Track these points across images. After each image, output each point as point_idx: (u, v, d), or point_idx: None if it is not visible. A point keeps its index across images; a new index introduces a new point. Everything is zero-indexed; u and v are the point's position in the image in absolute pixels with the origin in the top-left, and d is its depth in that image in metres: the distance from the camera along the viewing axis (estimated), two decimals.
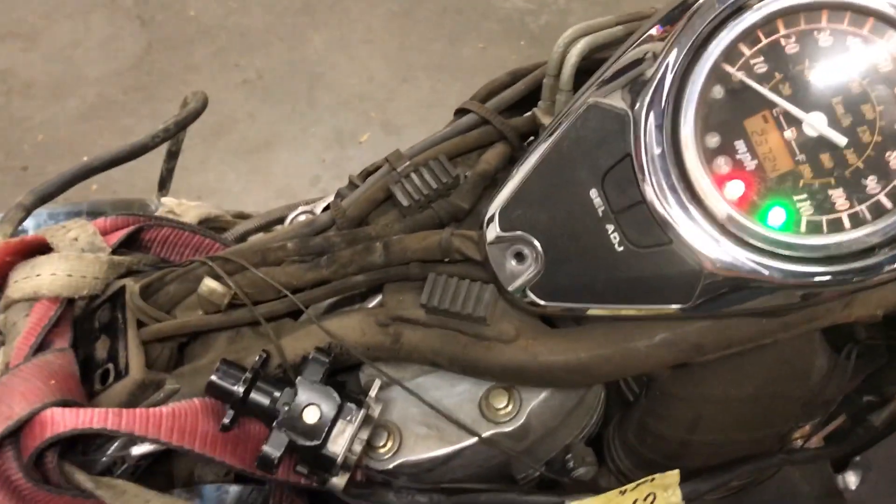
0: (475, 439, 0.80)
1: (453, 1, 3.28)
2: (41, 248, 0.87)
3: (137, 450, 0.77)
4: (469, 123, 0.90)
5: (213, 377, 0.75)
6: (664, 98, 0.68)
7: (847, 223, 0.66)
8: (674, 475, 0.78)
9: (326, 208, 1.02)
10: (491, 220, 0.77)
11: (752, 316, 0.73)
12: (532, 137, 0.91)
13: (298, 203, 1.11)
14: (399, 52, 3.14)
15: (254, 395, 0.75)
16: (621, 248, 0.71)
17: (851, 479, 1.22)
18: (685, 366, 0.79)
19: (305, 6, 3.25)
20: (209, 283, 0.82)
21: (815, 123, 0.65)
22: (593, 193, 0.72)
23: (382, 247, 0.82)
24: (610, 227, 0.72)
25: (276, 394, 0.75)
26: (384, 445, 0.81)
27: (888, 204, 0.65)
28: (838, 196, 0.66)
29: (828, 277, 0.66)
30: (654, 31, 0.71)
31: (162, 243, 0.96)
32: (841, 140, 0.65)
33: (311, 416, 0.73)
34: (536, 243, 0.75)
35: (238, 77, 3.02)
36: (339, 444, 0.73)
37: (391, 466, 0.81)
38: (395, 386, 0.82)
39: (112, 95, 2.96)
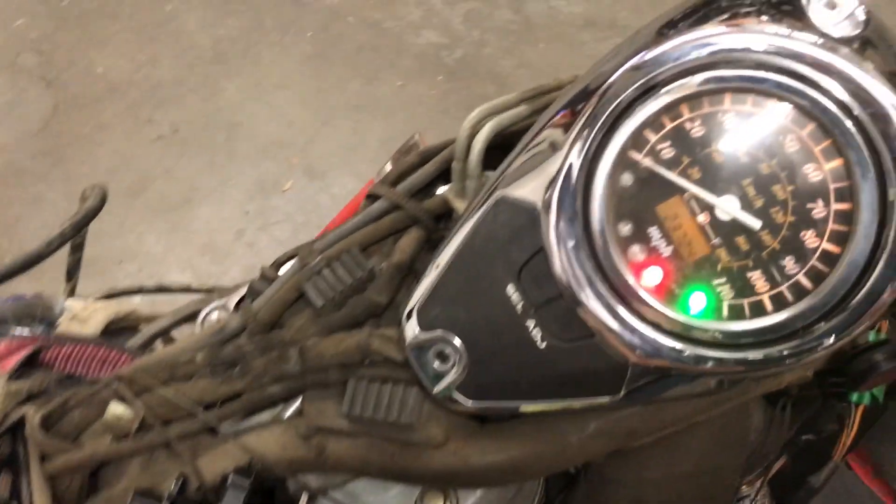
0: None
1: (367, 39, 3.26)
2: None
3: None
4: (381, 209, 0.86)
5: None
6: (572, 189, 0.66)
7: (769, 306, 0.64)
8: None
9: (240, 302, 0.98)
10: (409, 319, 0.74)
11: (685, 399, 0.71)
12: (447, 220, 0.88)
13: (212, 294, 1.06)
14: (316, 95, 3.10)
15: None
16: (544, 344, 0.69)
17: None
18: (621, 450, 0.77)
19: (217, 55, 3.19)
20: (115, 410, 0.77)
21: (728, 207, 0.64)
22: (510, 289, 0.69)
23: (298, 354, 0.78)
24: (530, 324, 0.69)
25: None
26: None
27: (808, 284, 0.63)
28: (757, 278, 0.65)
29: (757, 361, 0.65)
30: (557, 118, 0.69)
31: (65, 360, 0.90)
32: (755, 223, 0.63)
33: None
34: (458, 342, 0.72)
35: (152, 133, 2.93)
36: None
37: None
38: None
39: (19, 162, 2.83)
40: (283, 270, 0.92)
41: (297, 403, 0.81)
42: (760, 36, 0.63)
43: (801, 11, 0.66)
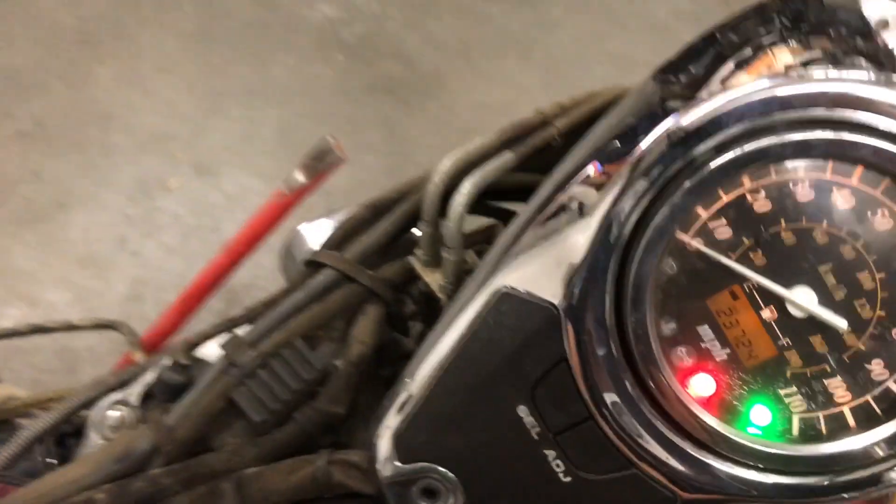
0: None
1: (256, 14, 2.98)
2: None
3: None
4: (326, 283, 0.68)
5: None
6: (603, 283, 0.51)
7: (851, 420, 0.51)
8: None
9: (147, 398, 0.77)
10: (382, 443, 0.57)
11: None
12: (409, 290, 0.71)
13: (107, 379, 0.85)
14: (201, 80, 2.80)
15: None
16: (568, 479, 0.54)
17: None
18: None
19: (83, 36, 2.83)
20: None
21: (802, 301, 0.50)
22: (522, 411, 0.54)
23: (234, 489, 0.61)
24: (550, 454, 0.54)
25: None
26: None
27: None
28: (836, 386, 0.51)
29: (823, 489, 0.52)
30: (586, 175, 0.52)
31: None
32: (840, 323, 0.49)
33: None
34: (452, 476, 0.56)
35: (10, 128, 2.57)
36: None
37: None
38: None
39: None
40: (203, 352, 0.73)
41: None
42: (832, 84, 0.48)
43: (869, 36, 0.52)
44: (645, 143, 0.50)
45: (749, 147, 0.48)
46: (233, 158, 2.61)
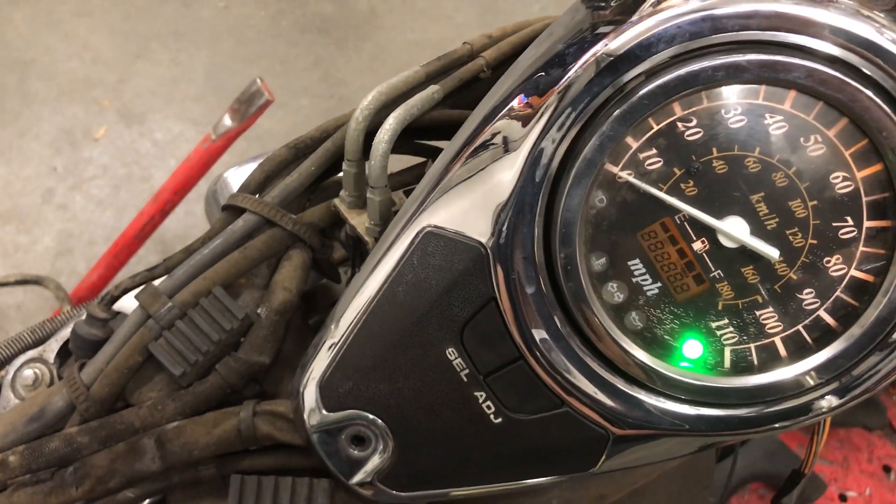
0: None
1: None
2: None
3: None
4: (246, 228, 0.64)
5: None
6: (531, 219, 0.49)
7: (783, 350, 0.50)
8: None
9: (63, 354, 0.74)
10: (308, 392, 0.54)
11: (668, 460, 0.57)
12: (337, 233, 0.68)
13: (23, 336, 0.81)
14: (125, 23, 2.68)
15: None
16: (499, 420, 0.53)
17: None
18: None
19: None
20: None
21: (734, 231, 0.48)
22: (451, 353, 0.52)
23: (155, 445, 0.58)
24: (480, 395, 0.52)
25: None
26: None
27: (832, 322, 0.50)
28: (768, 316, 0.50)
29: (755, 419, 0.52)
30: (512, 106, 0.49)
31: None
32: (772, 252, 0.48)
33: None
34: (381, 423, 0.54)
35: None
36: None
37: None
38: None
39: None
40: (120, 305, 0.70)
41: None
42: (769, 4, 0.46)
43: None
44: (573, 71, 0.48)
45: (680, 71, 0.46)
46: (161, 104, 2.51)
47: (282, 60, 2.62)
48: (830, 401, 0.51)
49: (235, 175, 0.98)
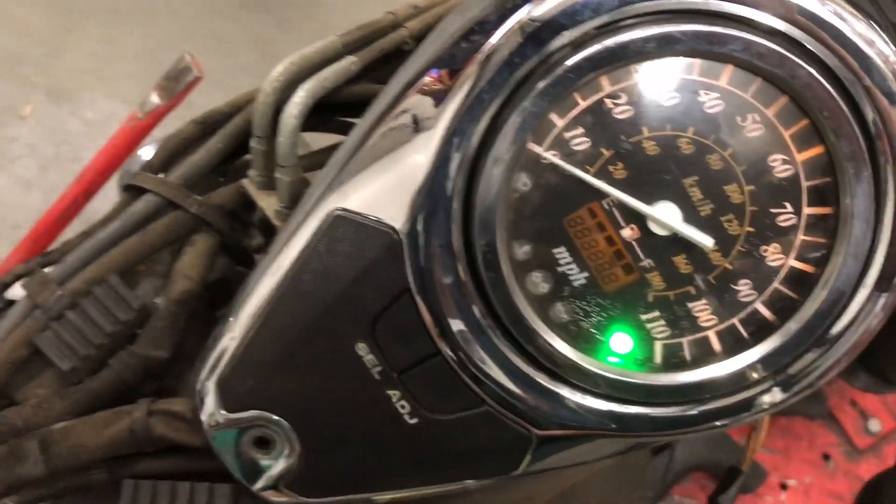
0: None
1: None
2: None
3: None
4: (148, 209, 0.59)
5: None
6: (448, 204, 0.44)
7: (717, 345, 0.47)
8: None
9: None
10: (209, 395, 0.50)
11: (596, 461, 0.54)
12: (247, 216, 0.63)
13: None
14: None
15: None
16: (415, 420, 0.49)
17: None
18: None
19: None
20: None
21: (665, 218, 0.45)
22: (361, 349, 0.48)
23: (39, 447, 0.52)
24: (394, 394, 0.48)
25: None
26: None
27: (769, 315, 0.47)
28: (701, 309, 0.47)
29: (688, 418, 0.48)
30: (423, 82, 0.45)
31: None
32: (705, 240, 0.45)
33: None
34: (286, 424, 0.49)
35: None
36: None
37: None
38: None
39: None
40: (14, 294, 0.64)
41: None
42: None
43: None
44: (495, 38, 0.43)
45: (608, 42, 0.42)
46: (92, 82, 2.41)
47: (220, 38, 2.53)
48: (772, 396, 0.48)
49: (149, 153, 0.92)
